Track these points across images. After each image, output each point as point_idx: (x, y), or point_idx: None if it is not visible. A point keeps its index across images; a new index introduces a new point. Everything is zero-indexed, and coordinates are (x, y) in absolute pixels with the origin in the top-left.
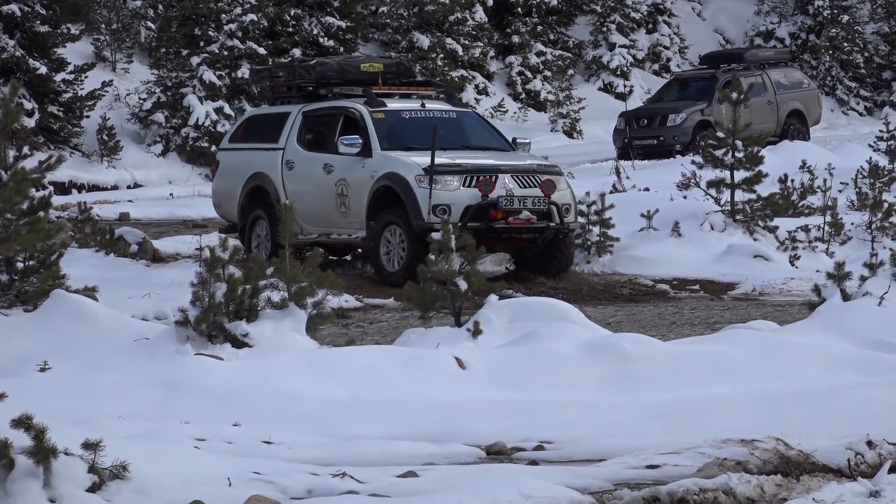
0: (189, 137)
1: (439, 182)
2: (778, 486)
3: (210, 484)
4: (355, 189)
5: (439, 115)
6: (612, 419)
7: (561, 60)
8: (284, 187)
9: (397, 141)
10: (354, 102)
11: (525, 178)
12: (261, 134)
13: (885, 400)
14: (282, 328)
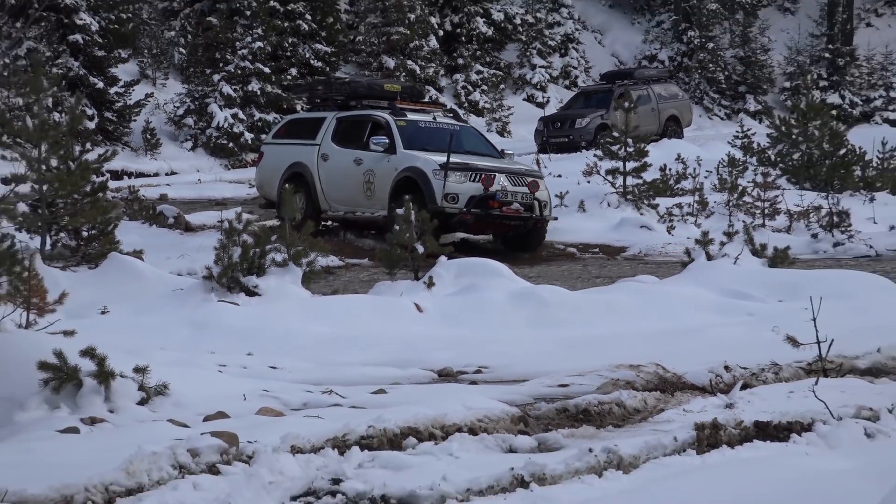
0: (212, 136)
1: (451, 176)
2: (657, 399)
3: (230, 399)
4: (380, 178)
5: (447, 126)
6: (533, 350)
7: (494, 77)
8: (319, 174)
9: (415, 144)
10: (381, 112)
11: (516, 178)
12: (300, 133)
13: (738, 335)
14: (283, 281)
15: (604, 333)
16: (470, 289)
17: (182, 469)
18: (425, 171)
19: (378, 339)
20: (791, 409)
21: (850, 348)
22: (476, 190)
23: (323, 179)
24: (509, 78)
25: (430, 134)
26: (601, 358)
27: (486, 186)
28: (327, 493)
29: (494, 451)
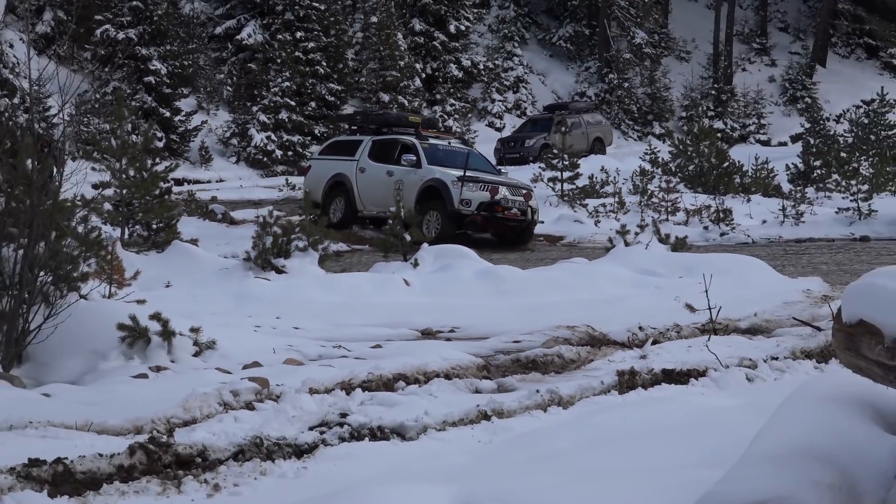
0: (251, 153)
1: (466, 186)
2: (588, 352)
3: (263, 352)
4: (408, 186)
5: (459, 149)
6: (493, 315)
7: (464, 109)
8: (356, 183)
9: (435, 161)
10: (409, 136)
11: (514, 189)
12: (341, 151)
13: (648, 303)
14: (304, 262)
15: (547, 302)
16: (445, 268)
17: (226, 406)
18: (446, 182)
19: (376, 306)
20: (690, 360)
21: (734, 313)
22: (484, 197)
23: (360, 187)
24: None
25: (446, 154)
26: (545, 321)
27: (492, 195)
28: (336, 425)
29: (464, 392)
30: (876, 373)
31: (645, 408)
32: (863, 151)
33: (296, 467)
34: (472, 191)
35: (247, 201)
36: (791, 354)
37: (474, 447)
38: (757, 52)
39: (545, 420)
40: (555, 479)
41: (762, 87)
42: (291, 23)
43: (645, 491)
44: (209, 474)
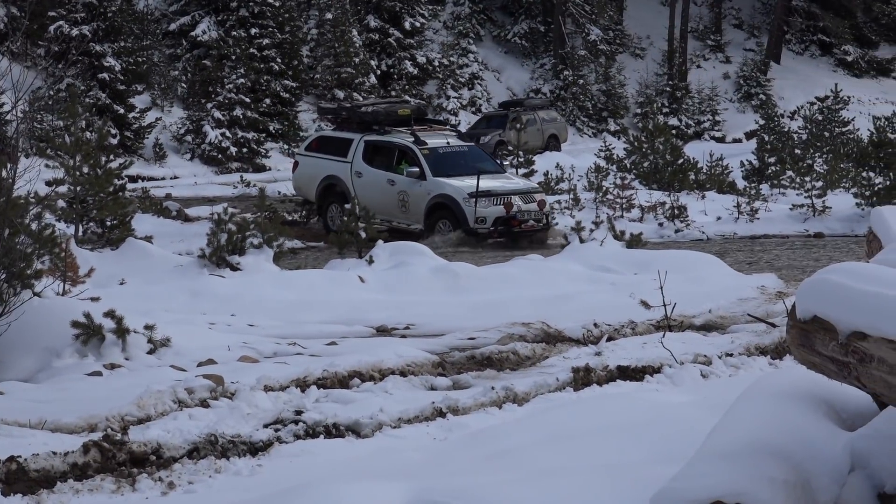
0: (205, 150)
1: (479, 202)
2: (543, 349)
3: (217, 349)
4: (414, 199)
5: (458, 148)
6: (448, 311)
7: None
8: (353, 188)
9: (439, 170)
10: (406, 140)
11: (527, 197)
12: (331, 149)
13: (603, 299)
14: (259, 259)
15: (502, 298)
16: (400, 265)
17: (181, 403)
18: (457, 199)
19: (331, 303)
20: (645, 356)
21: (689, 309)
22: (500, 213)
23: (358, 193)
24: (430, 106)
25: (449, 159)
26: (500, 317)
27: (507, 210)
28: (292, 422)
29: (419, 389)
30: (830, 369)
31: (600, 404)
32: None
33: (251, 465)
34: (486, 207)
35: (202, 198)
36: (745, 351)
37: (429, 444)
38: (711, 49)
39: (500, 417)
40: (510, 476)
41: (717, 83)
42: (246, 19)
43: (600, 487)
44: (164, 472)
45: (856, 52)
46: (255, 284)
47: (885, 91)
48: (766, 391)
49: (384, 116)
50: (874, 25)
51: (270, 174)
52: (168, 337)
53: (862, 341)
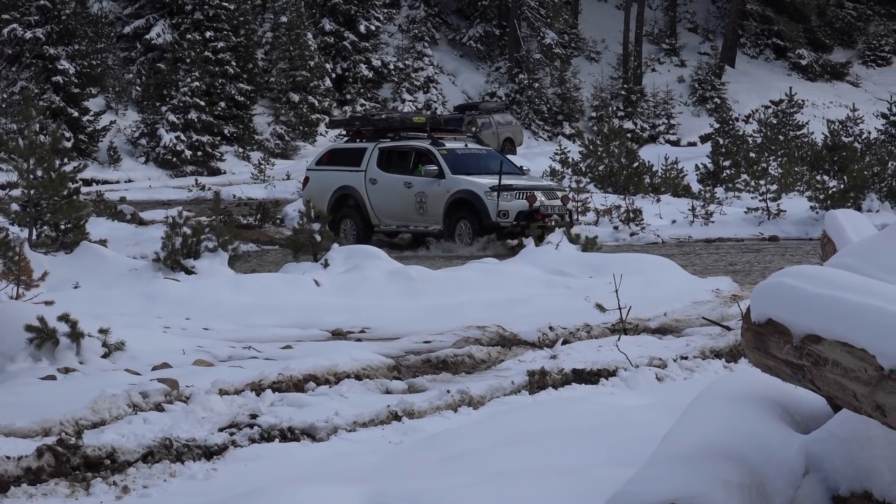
0: (160, 153)
1: (502, 196)
2: (499, 352)
3: (172, 353)
4: (432, 199)
5: (476, 151)
6: (404, 315)
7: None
8: (368, 196)
9: (458, 169)
10: (423, 143)
11: (550, 193)
12: (343, 160)
13: (559, 303)
14: (214, 263)
15: (457, 302)
16: (356, 268)
17: (135, 407)
18: (478, 193)
19: (286, 306)
20: (600, 359)
21: (644, 313)
22: (522, 206)
23: (373, 201)
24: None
25: (468, 159)
26: (456, 321)
27: (530, 203)
28: (247, 426)
29: (375, 393)
30: (785, 372)
31: (555, 408)
32: (771, 151)
33: (206, 469)
34: (508, 200)
35: (156, 202)
36: (700, 354)
37: (385, 448)
38: (666, 53)
39: (456, 420)
40: (465, 479)
41: (671, 87)
42: (201, 22)
43: (556, 490)
44: (118, 476)
45: (810, 55)
46: (209, 288)
47: (838, 95)
48: (721, 394)
49: (399, 123)
50: (828, 29)
51: (225, 177)
52: (122, 341)
53: (816, 344)
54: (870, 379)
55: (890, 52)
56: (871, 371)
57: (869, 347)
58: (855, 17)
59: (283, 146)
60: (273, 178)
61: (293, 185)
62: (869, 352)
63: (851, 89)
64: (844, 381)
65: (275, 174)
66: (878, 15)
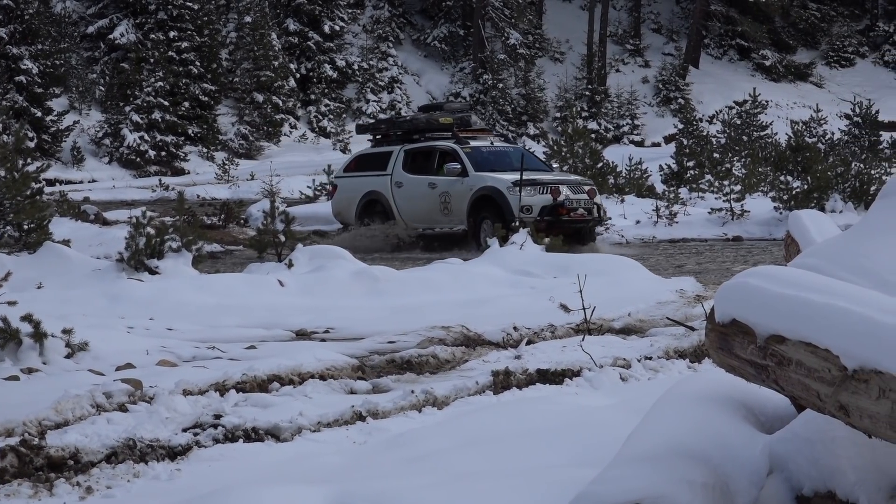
0: (124, 153)
1: (524, 191)
2: (463, 352)
3: (136, 353)
4: (456, 198)
5: (502, 148)
6: (368, 315)
7: (338, 109)
8: (394, 199)
9: (482, 166)
10: (447, 142)
11: (576, 187)
12: (370, 166)
13: (524, 303)
14: (178, 263)
15: (422, 302)
16: (320, 268)
17: (99, 407)
18: (500, 189)
19: (250, 306)
20: (564, 360)
21: (608, 313)
22: (547, 201)
23: (399, 204)
24: (350, 109)
25: (492, 156)
26: (420, 321)
27: (555, 197)
28: (211, 426)
29: (339, 393)
30: (748, 372)
31: (519, 408)
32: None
33: (169, 469)
34: (531, 195)
35: (120, 202)
36: (664, 354)
37: (349, 448)
38: (630, 54)
39: (420, 420)
40: (429, 480)
41: (636, 87)
42: (164, 22)
43: (519, 491)
44: (82, 477)
45: (774, 56)
46: (173, 288)
47: (802, 95)
48: (685, 394)
49: (425, 124)
50: (792, 30)
51: (189, 177)
52: (86, 341)
53: (780, 344)
54: (833, 379)
55: (853, 53)
56: (834, 371)
57: (833, 348)
58: (818, 18)
59: (248, 146)
60: (237, 178)
61: (257, 185)
62: (833, 352)
63: (815, 90)
64: (808, 382)
65: (239, 174)
66: (842, 16)
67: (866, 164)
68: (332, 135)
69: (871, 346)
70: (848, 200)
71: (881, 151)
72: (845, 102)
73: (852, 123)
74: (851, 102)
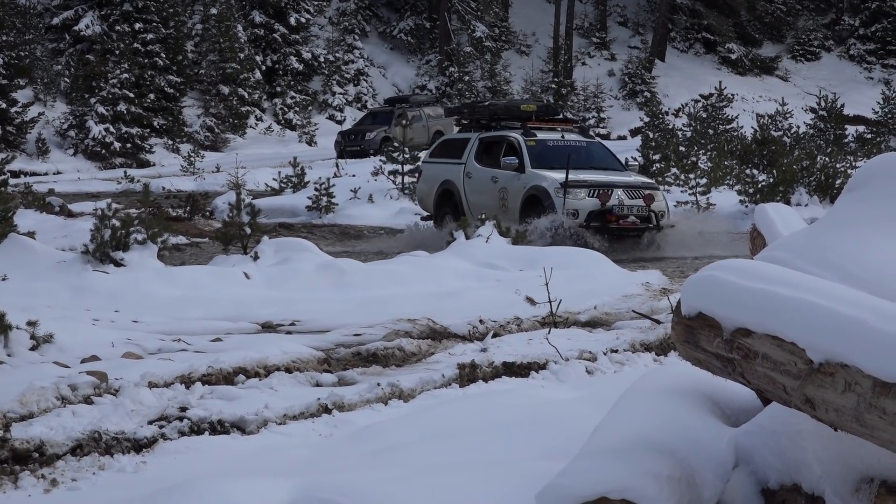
0: (89, 145)
1: (571, 193)
2: (429, 345)
3: (101, 345)
4: (512, 195)
5: (574, 143)
6: (334, 308)
7: (304, 101)
8: (464, 191)
9: (543, 162)
10: (514, 133)
11: (632, 191)
12: (450, 152)
13: (489, 296)
14: (143, 255)
15: (388, 295)
16: (286, 261)
17: (64, 400)
18: (547, 190)
19: (216, 299)
20: (531, 353)
21: (574, 306)
22: (594, 205)
23: (468, 197)
24: (315, 101)
25: (557, 152)
26: (386, 314)
27: (602, 202)
28: (176, 419)
29: (305, 386)
30: (715, 365)
31: (486, 401)
32: (701, 145)
33: (135, 462)
34: (578, 198)
35: (85, 194)
36: (630, 347)
37: (315, 440)
38: (597, 47)
39: (386, 413)
40: (395, 472)
41: (602, 81)
42: (130, 14)
43: (485, 484)
44: (46, 469)
45: (739, 50)
46: (139, 281)
47: (768, 89)
48: (651, 388)
49: (503, 111)
50: (758, 24)
51: (155, 170)
52: (51, 333)
53: (746, 338)
54: (799, 372)
55: (819, 47)
56: (800, 364)
57: (799, 341)
58: (784, 12)
59: (213, 138)
60: (203, 170)
61: (222, 177)
62: (799, 345)
63: (780, 84)
64: (774, 375)
65: (204, 166)
66: (808, 10)
67: (832, 157)
68: (298, 127)
69: (837, 340)
70: (813, 194)
71: (846, 145)
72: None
73: (818, 117)
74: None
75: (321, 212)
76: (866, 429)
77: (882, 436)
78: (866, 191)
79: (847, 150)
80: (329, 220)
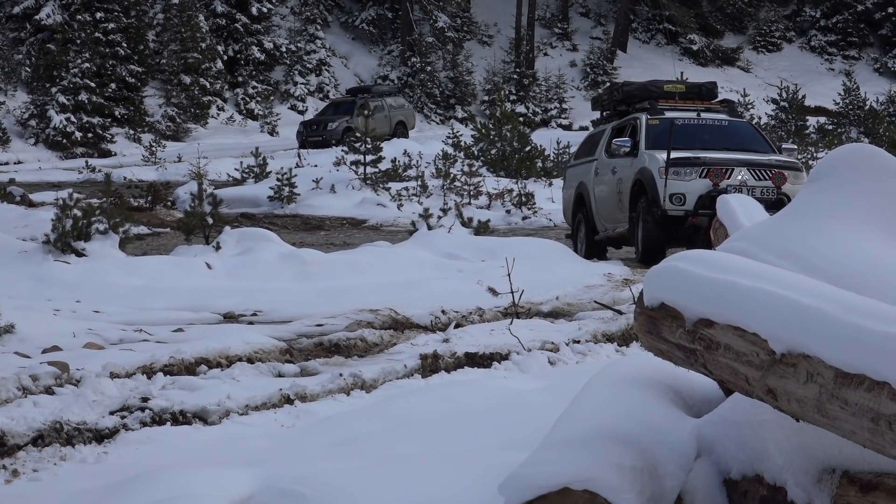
0: (50, 135)
1: (677, 173)
2: (391, 336)
3: (62, 336)
4: (625, 186)
5: (711, 122)
6: (296, 298)
7: (266, 91)
8: (593, 194)
9: (663, 143)
10: (640, 113)
11: (760, 171)
12: (588, 150)
13: (451, 287)
14: (105, 245)
15: (350, 285)
16: (248, 251)
17: (25, 390)
18: (651, 171)
19: (177, 289)
20: (493, 343)
21: (536, 297)
22: (706, 187)
23: (596, 198)
24: (277, 92)
25: (686, 131)
26: (348, 304)
27: (714, 182)
28: (138, 409)
29: (267, 376)
30: (677, 356)
31: (448, 391)
32: None
33: (96, 452)
34: (685, 180)
35: (46, 184)
36: (592, 338)
37: (277, 431)
38: (558, 37)
39: (348, 404)
40: (357, 463)
41: (564, 71)
42: (91, 3)
43: (448, 474)
44: (7, 460)
45: (701, 41)
46: (100, 271)
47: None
48: (613, 378)
49: (639, 91)
50: (719, 15)
51: (116, 159)
52: (12, 323)
53: (709, 328)
54: (762, 363)
55: (780, 38)
56: (762, 355)
57: (761, 332)
58: (746, 3)
59: (175, 128)
60: (164, 160)
61: (184, 167)
62: (761, 336)
63: (742, 74)
64: (736, 366)
65: (166, 156)
66: (769, 1)
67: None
68: (260, 117)
69: (799, 330)
70: None
71: (808, 136)
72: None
73: (779, 108)
74: (778, 87)
75: (283, 202)
76: (828, 419)
77: (843, 426)
78: (829, 181)
79: (808, 140)
80: (291, 210)
